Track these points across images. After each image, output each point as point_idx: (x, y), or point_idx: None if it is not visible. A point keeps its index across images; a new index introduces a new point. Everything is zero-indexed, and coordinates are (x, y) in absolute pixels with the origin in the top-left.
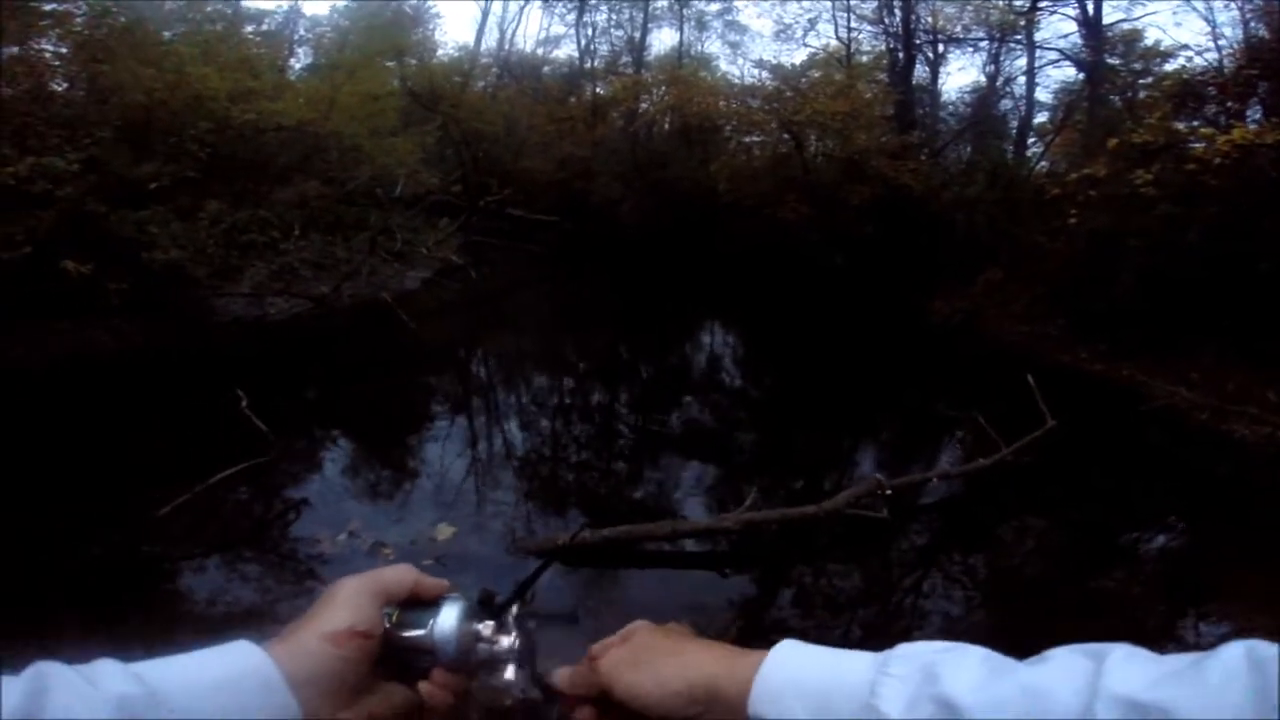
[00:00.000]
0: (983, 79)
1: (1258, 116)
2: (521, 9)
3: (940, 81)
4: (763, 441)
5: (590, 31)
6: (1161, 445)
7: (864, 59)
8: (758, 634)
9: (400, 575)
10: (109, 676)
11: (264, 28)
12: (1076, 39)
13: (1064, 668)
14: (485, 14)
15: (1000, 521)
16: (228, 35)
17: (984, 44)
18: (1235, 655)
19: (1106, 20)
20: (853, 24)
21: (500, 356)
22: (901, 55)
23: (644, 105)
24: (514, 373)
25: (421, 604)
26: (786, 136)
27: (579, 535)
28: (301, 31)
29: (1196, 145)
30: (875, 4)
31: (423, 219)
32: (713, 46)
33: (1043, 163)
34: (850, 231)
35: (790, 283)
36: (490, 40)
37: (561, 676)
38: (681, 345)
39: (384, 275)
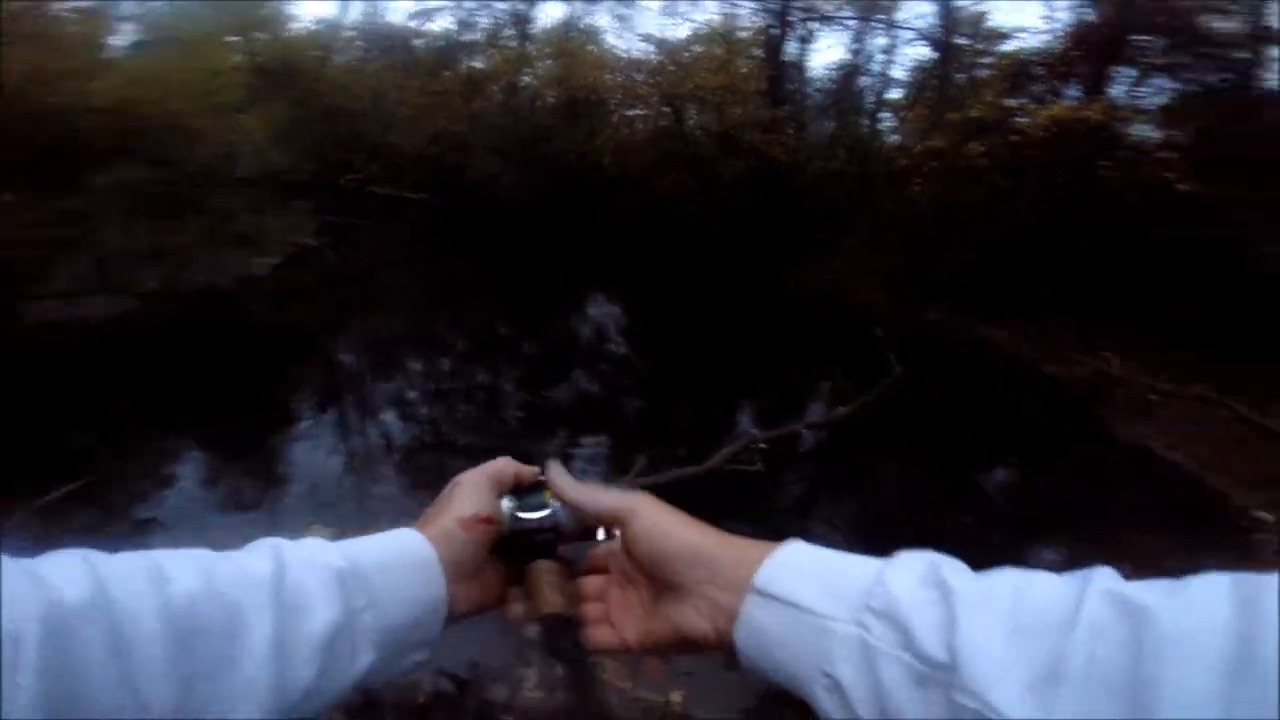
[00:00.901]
0: (849, 56)
1: (1080, 95)
2: None
3: (810, 58)
4: (648, 409)
5: (470, 3)
6: (996, 387)
7: (744, 35)
8: None
9: (504, 467)
10: (325, 551)
11: (80, 3)
12: (933, 19)
13: (1052, 575)
14: None
15: (862, 465)
16: (23, 13)
17: (851, 23)
18: (1221, 579)
19: (959, 2)
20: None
21: (367, 341)
22: (777, 32)
23: (527, 79)
24: (384, 357)
25: (526, 489)
26: (667, 109)
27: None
28: (127, 7)
29: (1022, 120)
30: None
31: (273, 200)
32: (601, 20)
33: (895, 137)
34: (726, 204)
35: (670, 255)
36: (356, 13)
37: (583, 493)
38: (564, 320)
39: (227, 262)
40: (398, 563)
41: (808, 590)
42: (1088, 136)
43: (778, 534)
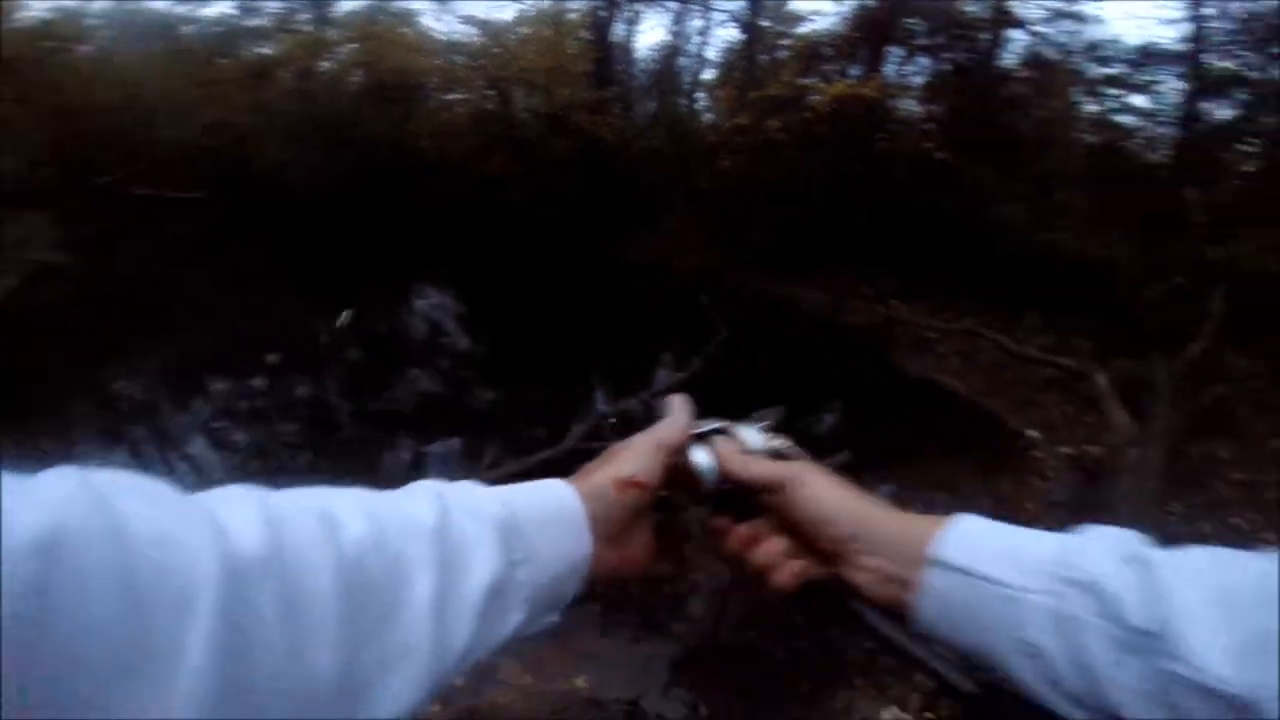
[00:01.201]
0: (669, 38)
1: (861, 74)
2: None
3: (635, 40)
4: (490, 400)
5: None
6: (801, 338)
7: (572, 17)
8: None
9: (677, 426)
10: (483, 499)
11: None
12: (744, 3)
13: (1246, 552)
14: None
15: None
16: None
17: (671, 5)
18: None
19: None
20: None
21: (147, 364)
22: (604, 13)
23: (326, 64)
24: (174, 380)
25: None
26: (491, 92)
27: None
28: None
29: (814, 98)
30: None
31: None
32: (417, 3)
33: (709, 115)
34: (554, 185)
35: (496, 239)
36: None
37: (741, 461)
38: (389, 315)
39: None
40: (555, 516)
41: (994, 562)
42: (866, 112)
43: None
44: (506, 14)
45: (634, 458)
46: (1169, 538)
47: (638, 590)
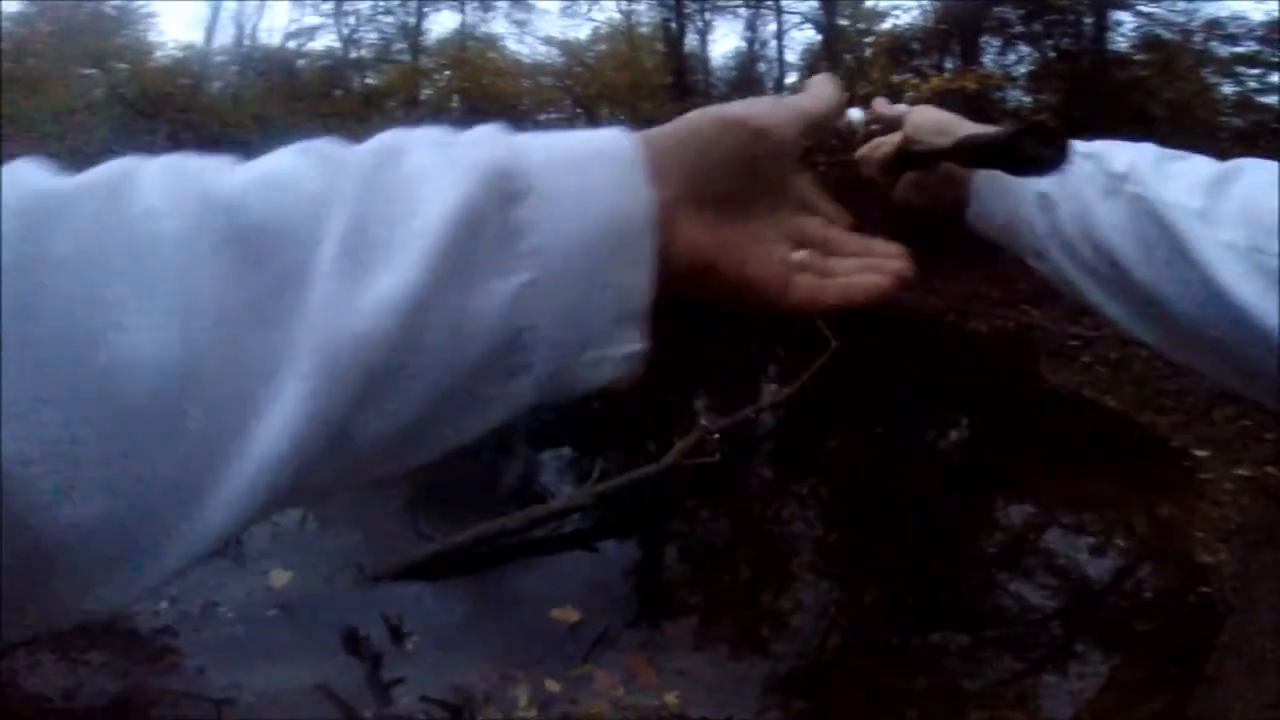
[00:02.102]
0: (743, 44)
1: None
2: (263, 2)
3: (709, 49)
4: (599, 411)
5: (354, 20)
6: (922, 346)
7: (644, 30)
8: (648, 590)
9: (825, 98)
10: (479, 143)
11: None
12: (815, 3)
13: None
14: (216, 10)
15: (814, 440)
16: None
17: (741, 11)
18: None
19: None
20: None
21: None
22: (675, 25)
23: (427, 92)
24: None
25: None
26: (580, 111)
27: (451, 543)
28: None
29: (909, 94)
30: None
31: None
32: (498, 26)
33: None
34: None
35: None
36: (225, 37)
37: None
38: None
39: None
40: (578, 157)
41: None
42: (969, 104)
43: (752, 520)
44: (583, 32)
45: (767, 106)
46: None
47: (738, 603)
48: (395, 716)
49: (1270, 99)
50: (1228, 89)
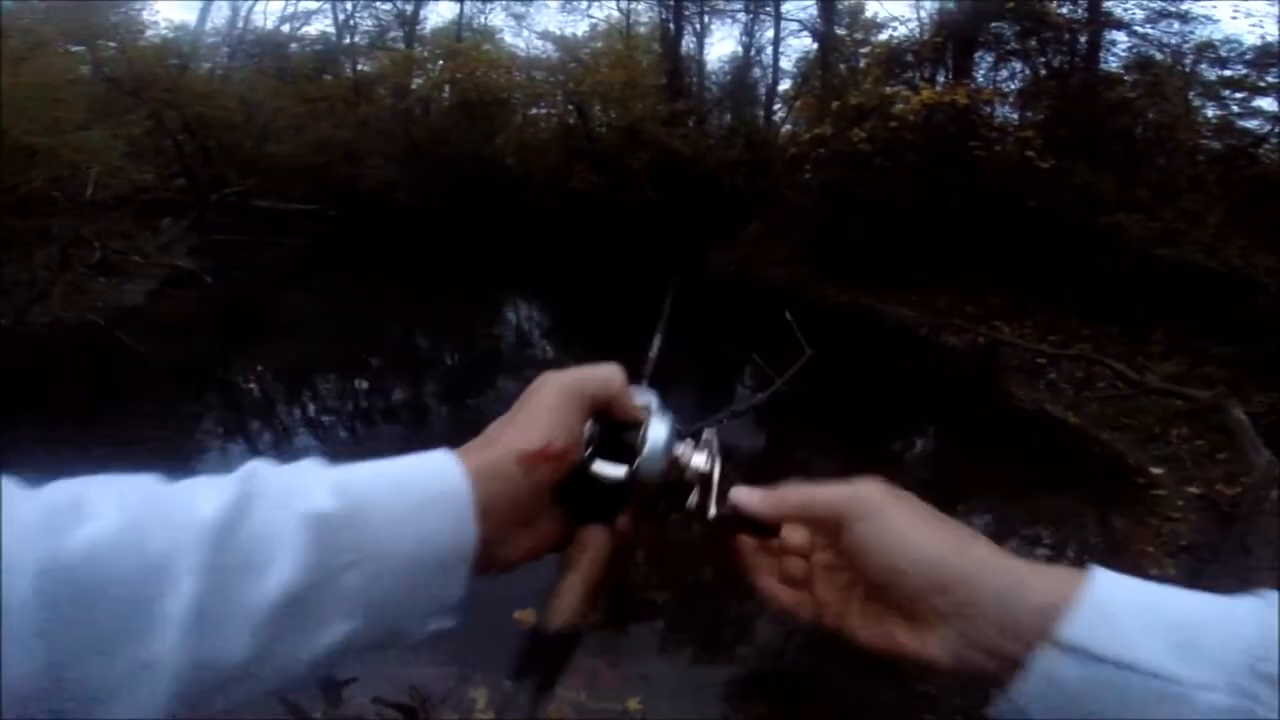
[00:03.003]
0: (739, 49)
1: (948, 80)
2: None
3: (705, 52)
4: None
5: (350, 6)
6: (895, 357)
7: (641, 30)
8: (611, 594)
9: (608, 378)
10: (310, 488)
11: None
12: (814, 11)
13: None
14: None
15: (785, 447)
16: None
17: (740, 15)
18: None
19: None
20: None
21: (266, 368)
22: (672, 26)
23: (418, 81)
24: (286, 383)
25: (620, 419)
26: (571, 107)
27: None
28: None
29: (899, 105)
30: None
31: (135, 222)
32: (496, 19)
33: (787, 125)
34: (634, 196)
35: (584, 249)
36: (218, 18)
37: (751, 497)
38: (483, 327)
39: (91, 293)
40: (415, 508)
41: (1152, 647)
42: (957, 119)
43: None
44: (580, 28)
45: (548, 417)
46: None
47: (702, 607)
48: (345, 718)
49: (1251, 123)
50: (1210, 112)
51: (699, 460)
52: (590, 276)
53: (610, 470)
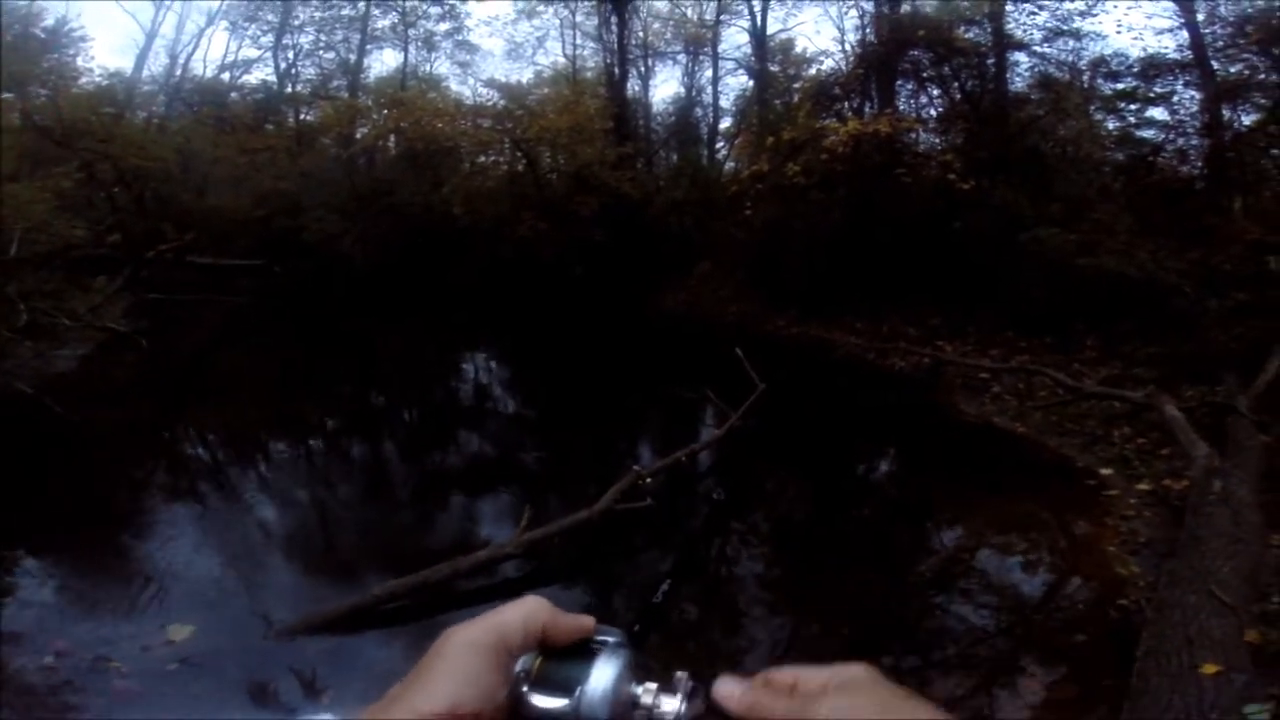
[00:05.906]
0: (681, 90)
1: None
2: (201, 31)
3: (650, 94)
4: (529, 457)
5: (292, 54)
6: (846, 385)
7: (588, 74)
8: None
9: (528, 615)
10: None
11: None
12: (749, 49)
13: None
14: (151, 36)
15: (746, 479)
16: None
17: (680, 57)
18: None
19: (770, 30)
20: (578, 40)
21: (213, 431)
22: (617, 70)
23: (363, 130)
24: (234, 446)
25: (567, 651)
26: (519, 154)
27: (372, 596)
28: None
29: (829, 138)
30: (596, 21)
31: (65, 280)
32: (441, 67)
33: (729, 163)
34: (583, 241)
35: (533, 296)
36: (156, 66)
37: (730, 695)
38: (433, 378)
39: (17, 359)
40: None
41: None
42: (882, 147)
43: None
44: (526, 75)
45: (458, 677)
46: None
47: (685, 638)
48: None
49: (1147, 133)
50: (1111, 125)
51: (667, 705)
52: (540, 323)
53: (548, 703)
